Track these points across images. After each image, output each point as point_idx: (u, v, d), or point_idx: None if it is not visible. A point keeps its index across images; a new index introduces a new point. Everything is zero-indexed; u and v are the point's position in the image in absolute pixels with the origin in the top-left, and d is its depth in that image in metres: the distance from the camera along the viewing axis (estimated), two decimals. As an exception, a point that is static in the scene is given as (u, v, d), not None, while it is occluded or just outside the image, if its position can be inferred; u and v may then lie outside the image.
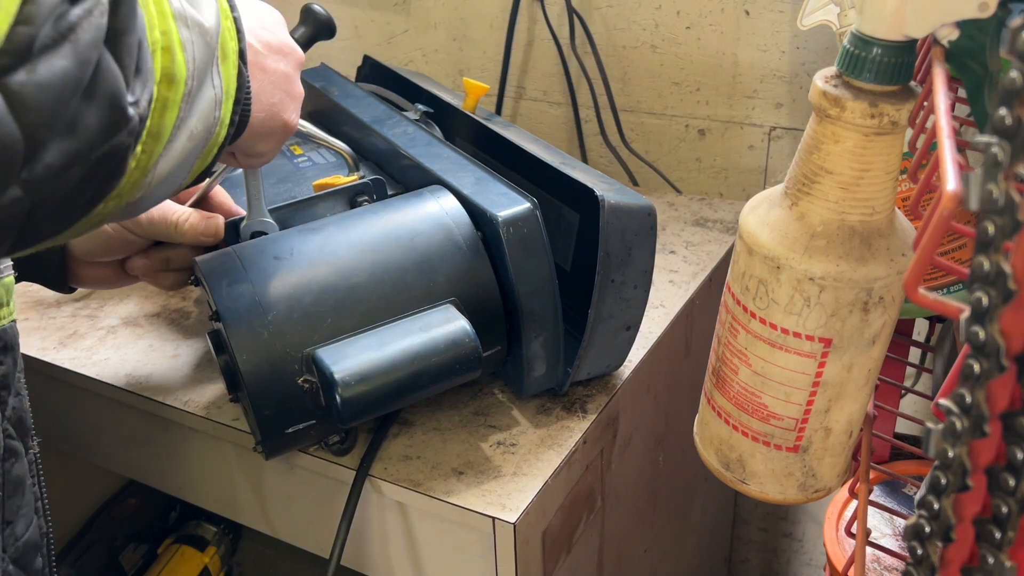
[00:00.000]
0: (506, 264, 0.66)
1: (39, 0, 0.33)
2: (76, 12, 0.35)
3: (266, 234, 0.72)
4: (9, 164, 0.34)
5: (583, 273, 0.71)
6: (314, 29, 0.77)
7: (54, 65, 0.34)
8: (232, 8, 0.50)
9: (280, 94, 0.58)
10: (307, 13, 0.77)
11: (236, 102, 0.50)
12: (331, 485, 0.74)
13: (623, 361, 0.76)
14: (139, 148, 0.40)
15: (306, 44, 0.75)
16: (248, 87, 0.51)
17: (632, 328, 0.73)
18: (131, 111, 0.38)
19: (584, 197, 0.69)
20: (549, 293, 0.68)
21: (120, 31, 0.37)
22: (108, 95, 0.37)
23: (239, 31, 0.49)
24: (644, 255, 0.71)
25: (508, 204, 0.67)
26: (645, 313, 0.75)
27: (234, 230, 0.72)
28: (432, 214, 0.69)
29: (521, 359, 0.69)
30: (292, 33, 0.70)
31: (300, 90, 0.61)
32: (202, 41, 0.44)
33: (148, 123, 0.40)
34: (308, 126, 0.77)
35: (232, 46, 0.48)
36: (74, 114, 0.35)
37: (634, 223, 0.69)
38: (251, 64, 0.53)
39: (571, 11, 1.12)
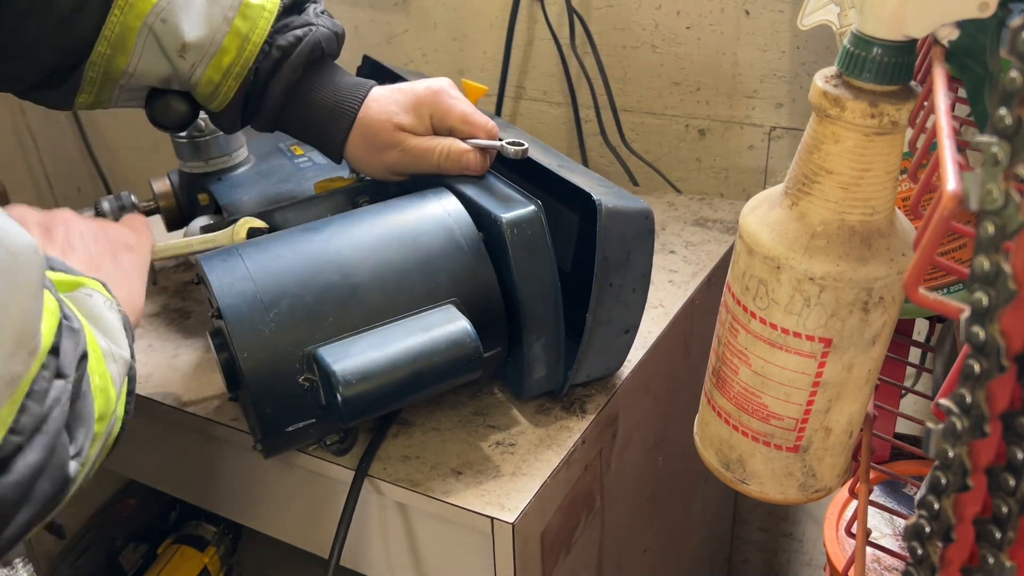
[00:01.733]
0: (509, 266, 0.66)
1: (30, 409, 0.38)
2: (48, 403, 0.39)
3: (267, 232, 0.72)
4: None
5: (583, 275, 0.71)
6: None
7: (28, 460, 0.38)
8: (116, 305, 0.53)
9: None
10: None
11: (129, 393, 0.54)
12: (331, 485, 0.74)
13: (622, 363, 0.76)
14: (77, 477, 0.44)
15: None
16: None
17: (631, 331, 0.73)
18: (72, 469, 0.42)
19: (583, 200, 0.69)
20: (551, 295, 0.68)
21: (77, 399, 0.42)
22: (59, 465, 0.41)
23: (127, 328, 0.53)
24: (642, 258, 0.71)
25: (512, 206, 0.67)
26: (645, 313, 0.75)
27: None
28: (434, 215, 0.69)
29: (521, 361, 0.69)
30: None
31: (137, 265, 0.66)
32: (122, 369, 0.49)
33: (83, 456, 0.44)
34: None
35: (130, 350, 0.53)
36: (34, 490, 0.39)
37: (632, 227, 0.69)
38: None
39: (571, 11, 1.12)
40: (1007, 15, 0.42)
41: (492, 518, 0.64)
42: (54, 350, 0.40)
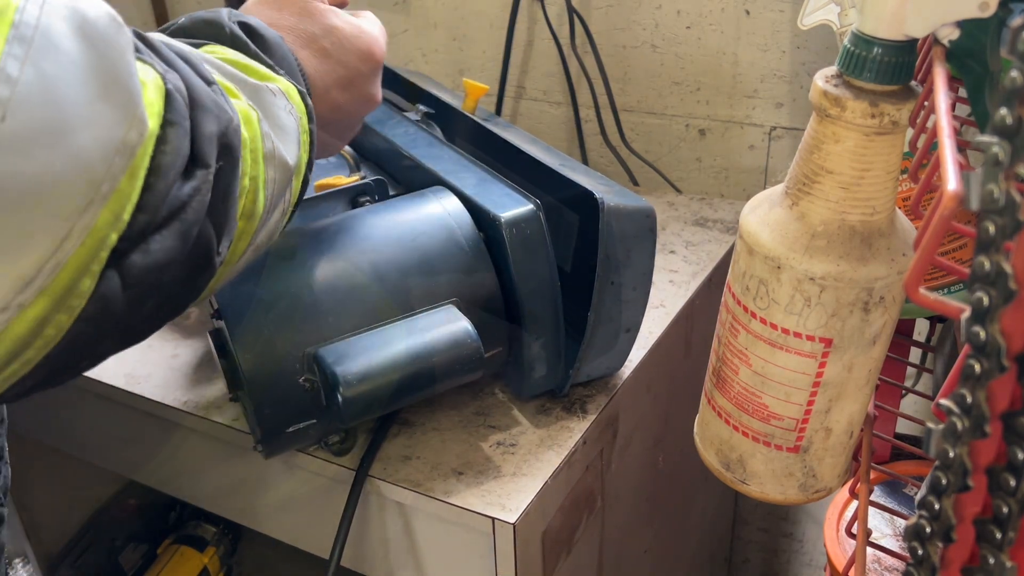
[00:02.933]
0: (508, 265, 0.66)
1: (156, 188, 0.35)
2: (186, 191, 0.37)
3: None
4: (113, 335, 0.36)
5: (583, 274, 0.71)
6: None
7: (164, 244, 0.36)
8: (310, 117, 0.50)
9: (329, 140, 0.61)
10: None
11: (296, 206, 0.52)
12: (331, 486, 0.74)
13: (623, 363, 0.76)
14: (218, 273, 0.43)
15: None
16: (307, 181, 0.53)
17: (632, 330, 0.73)
18: (216, 262, 0.41)
19: (583, 199, 0.69)
20: (551, 295, 0.68)
21: (220, 199, 0.39)
22: (200, 256, 0.39)
23: (311, 144, 0.50)
24: (643, 257, 0.71)
25: (511, 205, 0.67)
26: (645, 313, 0.75)
27: None
28: (434, 214, 0.69)
29: (522, 360, 0.69)
30: None
31: (367, 111, 0.62)
32: (283, 176, 0.46)
33: (225, 255, 0.42)
34: None
35: (304, 157, 0.50)
36: (170, 283, 0.38)
37: (633, 225, 0.69)
38: (319, 142, 0.55)
39: (571, 10, 1.11)
40: (1007, 15, 0.42)
41: (493, 518, 0.64)
42: (171, 124, 0.36)
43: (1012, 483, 0.34)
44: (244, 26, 0.49)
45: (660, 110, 1.15)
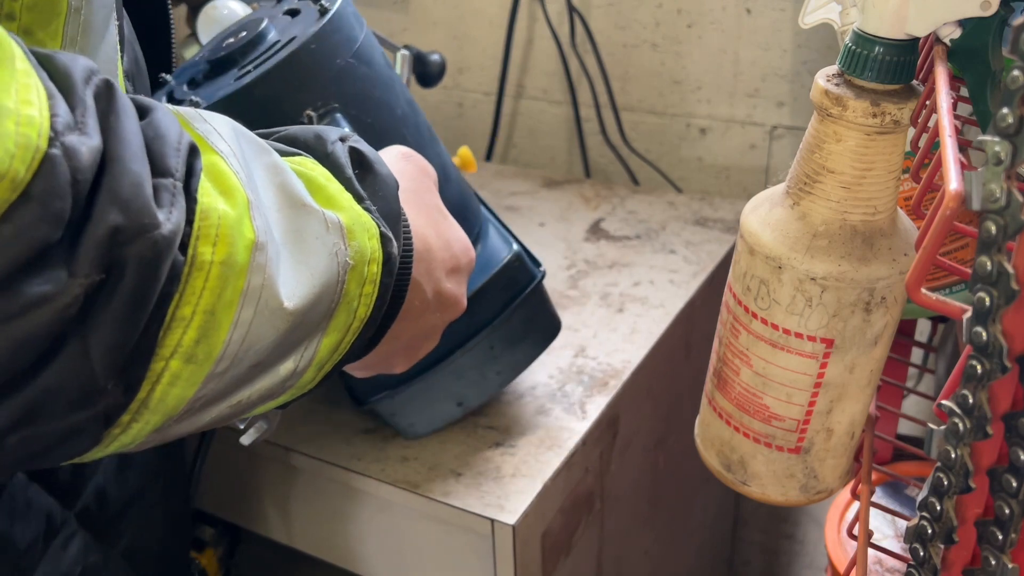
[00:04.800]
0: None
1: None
2: (28, 296, 0.28)
3: None
4: None
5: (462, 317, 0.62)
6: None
7: None
8: (387, 267, 0.42)
9: (417, 336, 0.50)
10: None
11: (339, 364, 0.43)
12: (330, 487, 0.73)
13: (427, 431, 0.72)
14: (124, 419, 0.33)
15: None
16: (370, 341, 0.44)
17: (463, 405, 0.71)
18: (94, 400, 0.32)
19: (522, 265, 0.68)
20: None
21: (104, 322, 0.30)
22: (48, 388, 0.30)
23: (380, 298, 0.42)
24: (529, 353, 0.71)
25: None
26: (645, 313, 0.75)
27: None
28: None
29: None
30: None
31: (452, 318, 0.53)
32: (273, 322, 0.36)
33: (139, 397, 0.33)
34: None
35: (361, 314, 0.41)
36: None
37: (546, 320, 0.69)
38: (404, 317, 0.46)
39: (571, 9, 1.11)
40: (1009, 14, 0.42)
41: (492, 520, 0.64)
42: (29, 199, 0.28)
43: (1014, 484, 0.33)
44: (354, 152, 0.43)
45: (661, 109, 1.15)
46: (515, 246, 0.68)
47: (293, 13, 0.63)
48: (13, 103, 0.27)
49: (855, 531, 0.57)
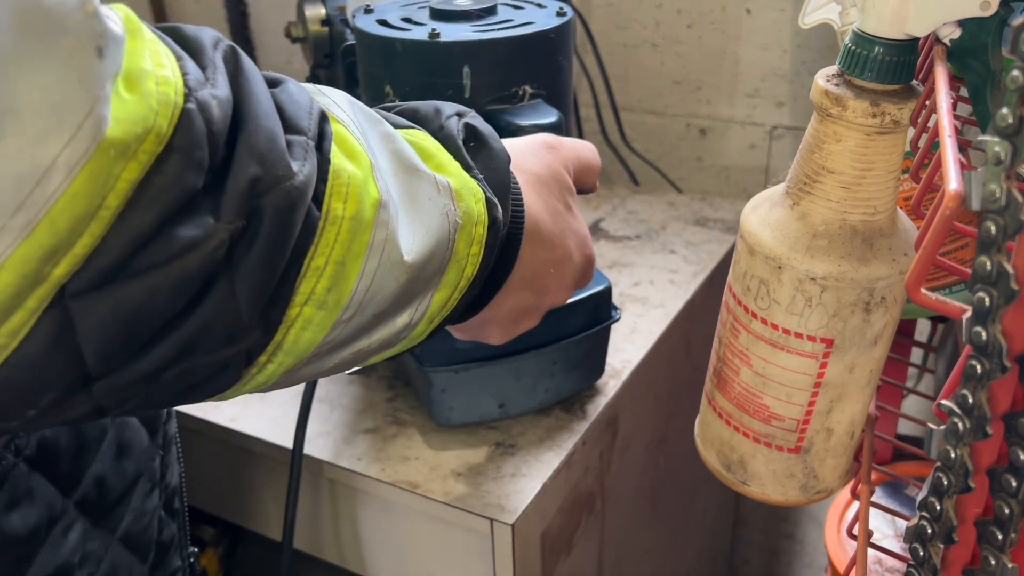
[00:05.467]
0: None
1: (129, 222, 0.29)
2: (181, 239, 0.30)
3: None
4: (60, 385, 0.31)
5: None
6: None
7: (131, 295, 0.30)
8: (492, 229, 0.44)
9: (513, 313, 0.51)
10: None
11: (447, 319, 0.45)
12: (330, 487, 0.73)
13: (446, 420, 0.73)
14: (261, 359, 0.36)
15: None
16: (476, 300, 0.46)
17: (504, 407, 0.73)
18: (237, 338, 0.34)
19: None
20: None
21: (246, 266, 0.33)
22: (203, 326, 0.32)
23: (485, 259, 0.44)
24: (583, 378, 0.75)
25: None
26: (646, 313, 0.75)
27: None
28: None
29: None
30: None
31: (543, 311, 0.54)
32: (394, 274, 0.39)
33: (275, 339, 0.35)
34: None
35: (468, 272, 0.43)
36: (146, 340, 0.32)
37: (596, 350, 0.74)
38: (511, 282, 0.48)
39: (572, 9, 1.11)
40: (1009, 14, 0.42)
41: (492, 519, 0.64)
42: (174, 150, 0.30)
43: (1013, 484, 0.33)
44: (468, 127, 0.45)
45: (661, 109, 1.15)
46: (608, 282, 0.72)
47: (516, 7, 0.73)
48: (150, 65, 0.30)
49: (855, 531, 0.57)
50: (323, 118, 0.37)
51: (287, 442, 0.71)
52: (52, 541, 0.47)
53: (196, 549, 0.62)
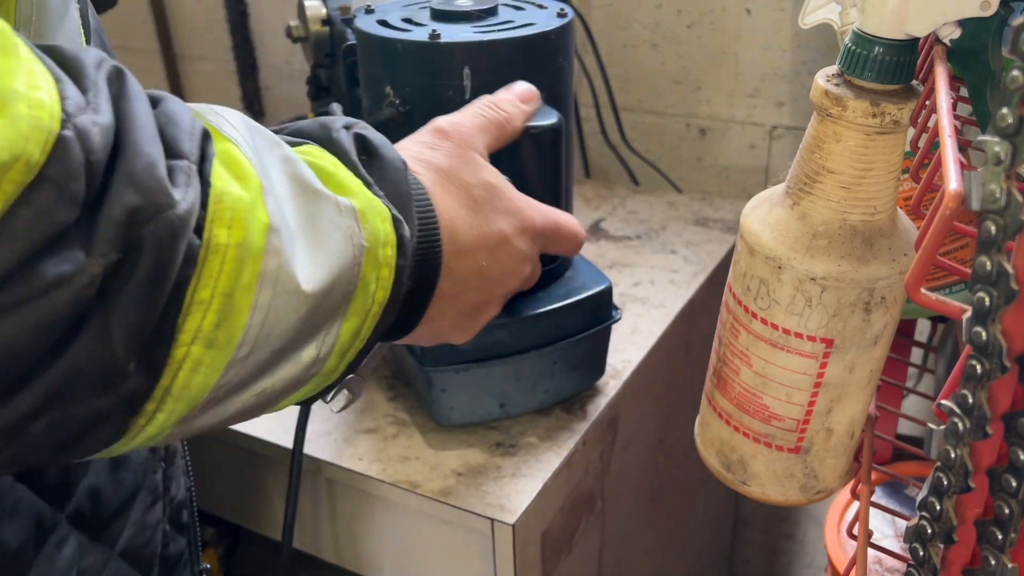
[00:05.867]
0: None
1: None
2: (47, 276, 0.28)
3: None
4: None
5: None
6: None
7: (7, 332, 0.28)
8: (401, 249, 0.41)
9: (464, 311, 0.49)
10: None
11: (362, 351, 0.42)
12: (329, 486, 0.73)
13: (445, 420, 0.73)
14: (149, 407, 0.33)
15: None
16: (402, 321, 0.44)
17: (504, 407, 0.73)
18: (115, 384, 0.32)
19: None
20: None
21: (122, 302, 0.31)
22: (72, 369, 0.30)
23: (397, 281, 0.42)
24: (582, 378, 0.76)
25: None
26: (646, 313, 0.75)
27: None
28: None
29: None
30: None
31: (513, 289, 0.52)
32: (292, 305, 0.36)
33: (161, 383, 0.33)
34: None
35: (378, 297, 0.41)
36: (9, 382, 0.30)
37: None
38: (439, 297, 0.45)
39: (572, 9, 1.11)
40: (1009, 14, 0.42)
41: (492, 519, 0.64)
42: (45, 180, 0.28)
43: (1013, 484, 0.33)
44: (359, 138, 0.43)
45: (661, 109, 1.15)
46: (609, 282, 0.72)
47: (517, 8, 0.73)
48: (23, 87, 0.28)
49: (855, 531, 0.57)
50: (205, 137, 0.34)
51: (288, 442, 0.71)
52: (45, 555, 0.45)
53: (208, 566, 0.61)
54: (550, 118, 0.61)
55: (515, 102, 0.55)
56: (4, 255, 0.27)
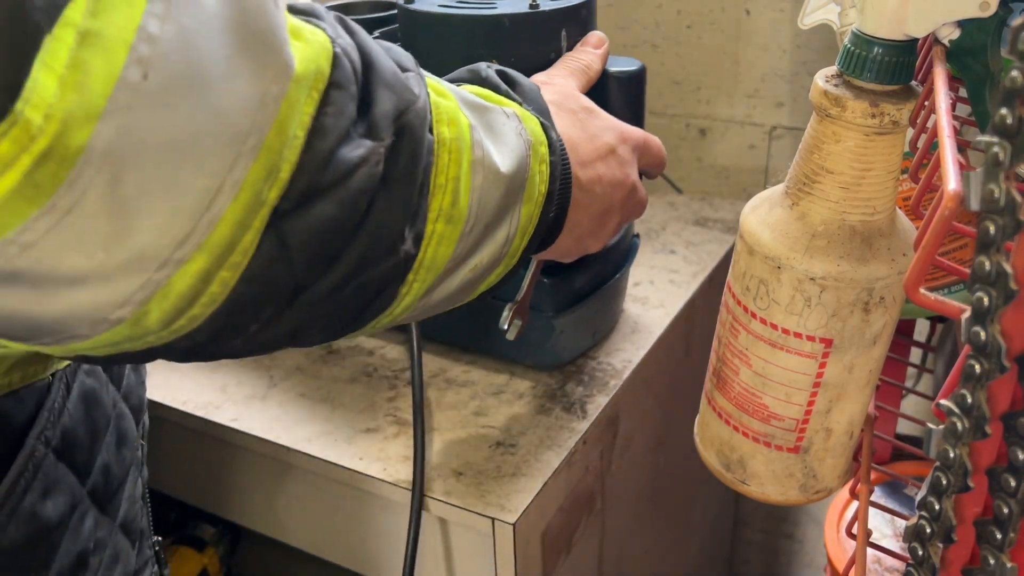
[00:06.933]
0: None
1: (316, 149, 0.34)
2: (351, 159, 0.35)
3: None
4: (279, 297, 0.36)
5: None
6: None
7: (325, 211, 0.35)
8: (551, 148, 0.50)
9: (595, 217, 0.57)
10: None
11: (533, 237, 0.50)
12: (330, 486, 0.74)
13: (552, 362, 0.78)
14: (410, 277, 0.41)
15: None
16: (554, 221, 0.52)
17: (596, 335, 0.79)
18: (400, 249, 0.39)
19: None
20: None
21: (396, 179, 0.38)
22: (372, 236, 0.37)
23: (552, 175, 0.50)
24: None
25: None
26: (646, 313, 0.75)
27: None
28: None
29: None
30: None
31: (628, 196, 0.59)
32: (495, 187, 0.44)
33: (419, 256, 0.41)
34: None
35: (541, 188, 0.49)
36: (337, 251, 0.36)
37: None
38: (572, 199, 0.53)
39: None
40: (1008, 14, 0.42)
41: (493, 519, 0.64)
42: (336, 86, 0.35)
43: (1012, 484, 0.34)
44: (501, 73, 0.52)
45: (660, 109, 1.15)
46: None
47: None
48: (296, 21, 0.35)
49: (854, 530, 0.57)
50: (415, 62, 0.42)
51: (288, 442, 0.71)
52: (72, 529, 0.48)
53: (160, 538, 0.62)
54: (633, 65, 0.70)
55: (589, 50, 0.66)
56: (323, 144, 0.34)
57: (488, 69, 0.53)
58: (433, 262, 0.42)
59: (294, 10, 0.37)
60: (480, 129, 0.44)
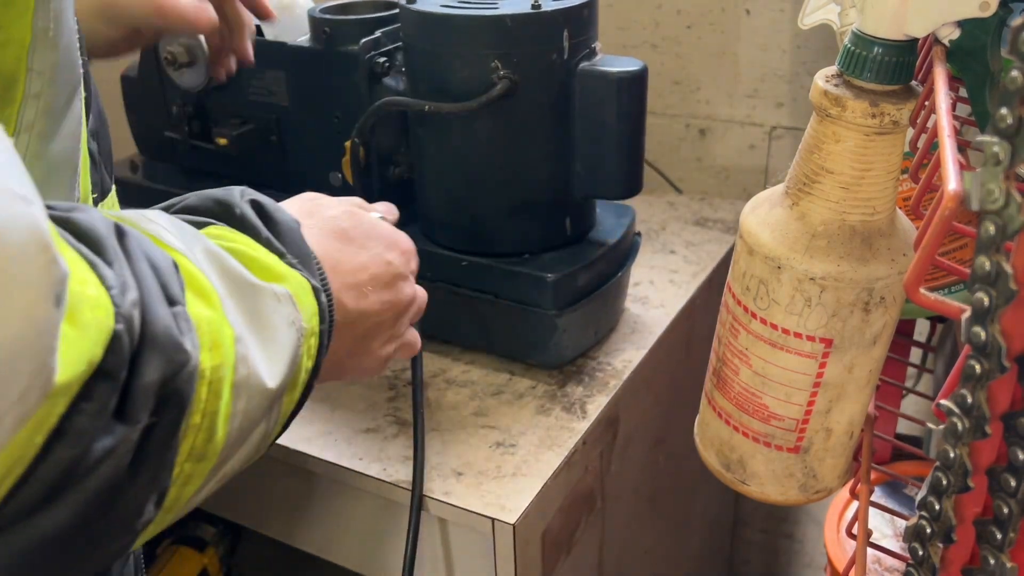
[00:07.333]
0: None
1: (55, 456, 0.29)
2: (95, 453, 0.30)
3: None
4: None
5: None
6: None
7: (56, 520, 0.29)
8: (321, 317, 0.43)
9: (358, 339, 0.51)
10: None
11: (295, 411, 0.44)
12: (330, 486, 0.73)
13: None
14: (151, 528, 0.36)
15: None
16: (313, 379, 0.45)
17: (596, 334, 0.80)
18: (138, 524, 0.34)
19: None
20: None
21: (152, 456, 0.32)
22: (114, 524, 0.32)
23: (320, 345, 0.43)
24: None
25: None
26: (646, 312, 0.75)
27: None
28: None
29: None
30: None
31: (402, 311, 0.54)
32: (259, 405, 0.38)
33: (159, 513, 0.35)
34: None
35: (307, 366, 0.42)
36: (69, 551, 0.31)
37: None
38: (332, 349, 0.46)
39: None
40: (1008, 14, 0.42)
41: (493, 519, 0.64)
42: (104, 375, 0.29)
43: (1012, 484, 0.34)
44: (255, 205, 0.44)
45: (660, 110, 1.15)
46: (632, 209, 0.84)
47: None
48: (77, 286, 0.29)
49: (854, 530, 0.57)
50: (177, 269, 0.35)
51: (287, 442, 0.71)
52: None
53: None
54: (633, 65, 0.69)
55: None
56: (69, 451, 0.29)
57: (242, 201, 0.43)
58: (177, 503, 0.36)
59: (74, 229, 0.31)
60: (247, 333, 0.37)
